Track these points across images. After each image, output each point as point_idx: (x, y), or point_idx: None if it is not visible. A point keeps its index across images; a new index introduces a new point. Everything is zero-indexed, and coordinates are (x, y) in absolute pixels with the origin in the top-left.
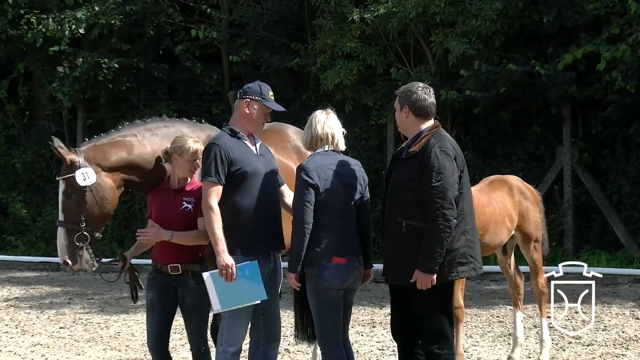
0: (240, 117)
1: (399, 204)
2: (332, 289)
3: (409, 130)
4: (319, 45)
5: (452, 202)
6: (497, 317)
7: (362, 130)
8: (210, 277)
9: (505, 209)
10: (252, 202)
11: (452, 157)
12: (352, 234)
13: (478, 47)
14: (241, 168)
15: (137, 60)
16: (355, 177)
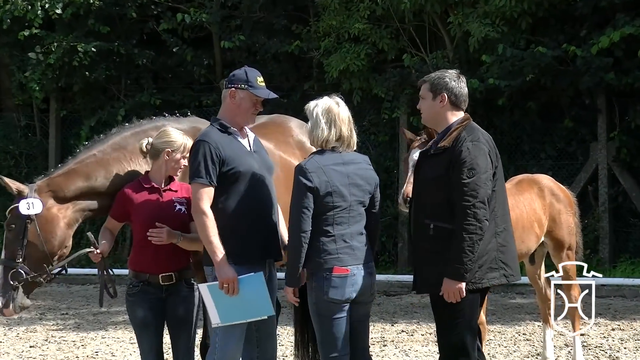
0: (228, 109)
1: (426, 204)
2: (334, 303)
3: (440, 122)
4: (322, 28)
5: (484, 201)
6: (524, 335)
7: (371, 124)
8: (208, 289)
9: (533, 213)
10: (245, 205)
11: (486, 152)
12: (359, 240)
13: (502, 30)
14: (234, 168)
15: (118, 44)
16: (363, 176)
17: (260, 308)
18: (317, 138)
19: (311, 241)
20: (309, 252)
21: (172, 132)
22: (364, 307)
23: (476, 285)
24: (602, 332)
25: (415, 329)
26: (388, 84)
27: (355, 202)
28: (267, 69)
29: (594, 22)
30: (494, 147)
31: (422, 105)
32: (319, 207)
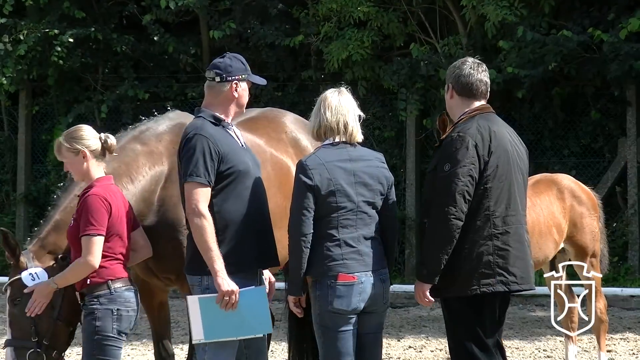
0: (225, 102)
1: (425, 201)
2: (339, 314)
3: (454, 114)
4: (322, 11)
5: (457, 198)
6: (544, 351)
7: (375, 118)
8: (199, 302)
9: (552, 217)
10: (243, 209)
11: (470, 144)
12: (368, 245)
13: (521, 13)
14: (233, 167)
15: (95, 30)
16: (373, 174)
17: (258, 325)
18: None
19: (314, 246)
20: (311, 258)
21: (83, 128)
22: (374, 318)
23: (464, 292)
24: (631, 349)
25: (424, 344)
26: (398, 77)
27: (363, 202)
28: (261, 56)
29: (623, 4)
30: (498, 141)
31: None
32: (322, 208)
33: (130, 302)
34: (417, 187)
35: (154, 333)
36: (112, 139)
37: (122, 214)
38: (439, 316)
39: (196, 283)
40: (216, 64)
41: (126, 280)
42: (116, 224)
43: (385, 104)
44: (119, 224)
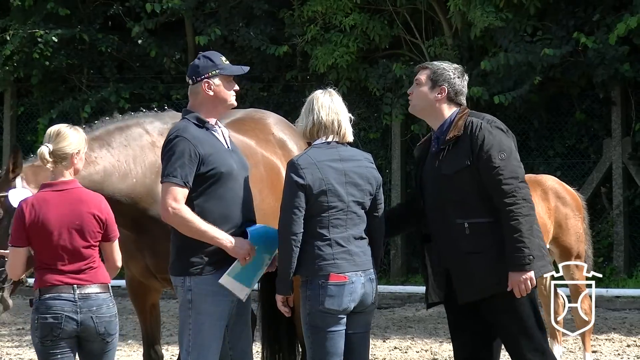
0: (205, 102)
1: (453, 202)
2: (330, 314)
3: (431, 113)
4: (306, 13)
5: (524, 180)
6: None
7: (360, 119)
8: (229, 278)
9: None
10: (225, 210)
11: (506, 131)
12: (358, 245)
13: (507, 17)
14: (214, 168)
15: (80, 30)
16: (363, 174)
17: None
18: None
19: (304, 245)
20: (302, 257)
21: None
22: (363, 317)
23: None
24: (617, 349)
25: (409, 345)
26: (384, 82)
27: (353, 202)
28: (245, 58)
29: (609, 4)
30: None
31: (415, 90)
32: (313, 208)
33: (52, 309)
34: (403, 188)
35: (144, 335)
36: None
37: (47, 222)
38: (425, 317)
39: (179, 284)
40: (189, 67)
41: (46, 288)
42: (36, 233)
43: (370, 105)
44: (39, 230)
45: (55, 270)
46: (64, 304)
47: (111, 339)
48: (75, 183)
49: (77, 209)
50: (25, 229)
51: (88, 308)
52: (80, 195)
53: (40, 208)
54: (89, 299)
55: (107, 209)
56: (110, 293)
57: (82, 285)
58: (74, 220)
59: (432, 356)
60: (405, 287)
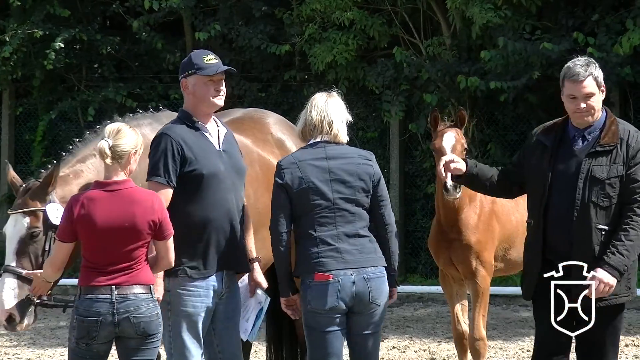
0: (187, 102)
1: (599, 207)
2: (318, 313)
3: (596, 115)
4: (305, 12)
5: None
6: (528, 352)
7: (359, 119)
8: (264, 302)
9: None
10: (207, 212)
11: None
12: (352, 242)
13: (505, 15)
14: (197, 169)
15: (79, 30)
16: (352, 172)
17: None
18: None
19: (297, 245)
20: (296, 257)
21: (127, 127)
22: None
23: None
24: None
25: (407, 345)
26: (383, 79)
27: (340, 199)
28: (244, 57)
29: (608, 4)
30: None
31: (588, 103)
32: (297, 207)
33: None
34: (401, 188)
35: None
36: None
37: (95, 222)
38: (423, 316)
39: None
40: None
41: (87, 288)
42: (81, 230)
43: (368, 104)
44: (85, 229)
45: (98, 270)
46: (101, 305)
47: (151, 339)
48: (129, 183)
49: (129, 210)
50: (73, 225)
51: (126, 309)
52: (133, 195)
53: (89, 207)
54: (127, 299)
55: (161, 208)
56: (152, 293)
57: (121, 285)
58: (123, 222)
59: (431, 356)
60: (403, 286)
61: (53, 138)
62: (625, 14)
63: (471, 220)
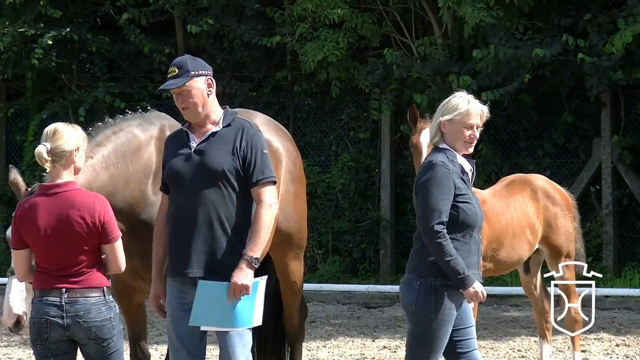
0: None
1: None
2: None
3: None
4: (297, 12)
5: None
6: (519, 351)
7: (350, 118)
8: (202, 286)
9: (525, 217)
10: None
11: None
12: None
13: (497, 14)
14: (165, 173)
15: (70, 30)
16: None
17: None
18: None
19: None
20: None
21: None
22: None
23: None
24: (606, 349)
25: (398, 344)
26: (372, 78)
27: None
28: (235, 56)
29: (600, 3)
30: None
31: None
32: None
33: (39, 313)
34: (392, 188)
35: (130, 335)
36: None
37: (37, 228)
38: None
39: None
40: None
41: (40, 291)
42: (25, 236)
43: (359, 104)
44: (29, 235)
45: (47, 273)
46: (50, 308)
47: (107, 343)
48: (71, 185)
49: (66, 214)
50: (18, 232)
51: (75, 312)
52: (72, 199)
53: (31, 212)
54: (77, 303)
55: (104, 211)
56: (104, 297)
57: (71, 289)
58: (63, 226)
59: None
60: (394, 286)
61: None
62: (617, 14)
63: None
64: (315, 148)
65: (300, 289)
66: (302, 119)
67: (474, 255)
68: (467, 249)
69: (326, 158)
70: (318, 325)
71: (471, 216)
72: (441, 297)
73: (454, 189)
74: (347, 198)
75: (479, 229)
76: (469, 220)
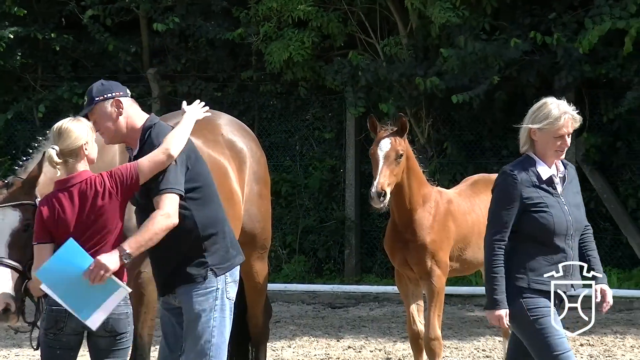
0: None
1: None
2: None
3: None
4: (262, 11)
5: None
6: (483, 351)
7: (315, 119)
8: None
9: None
10: None
11: None
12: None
13: (463, 14)
14: None
15: (35, 29)
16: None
17: (82, 304)
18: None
19: None
20: None
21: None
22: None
23: None
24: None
25: (363, 344)
26: (341, 77)
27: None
28: (201, 55)
29: (565, 3)
30: None
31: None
32: None
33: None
34: (357, 188)
35: None
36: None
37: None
38: (378, 316)
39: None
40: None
41: None
42: (54, 231)
43: (325, 104)
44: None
45: None
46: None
47: (120, 338)
48: (85, 174)
49: (90, 203)
50: (46, 227)
51: None
52: (89, 185)
53: (56, 206)
54: None
55: (110, 170)
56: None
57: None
58: (89, 216)
59: (386, 355)
60: (359, 286)
61: (8, 138)
62: (582, 13)
63: (425, 220)
64: (281, 148)
65: (265, 289)
66: (267, 119)
67: (556, 265)
68: (548, 259)
69: (291, 158)
70: (283, 325)
71: (547, 225)
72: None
73: (525, 199)
74: (312, 198)
75: (565, 237)
76: (546, 229)
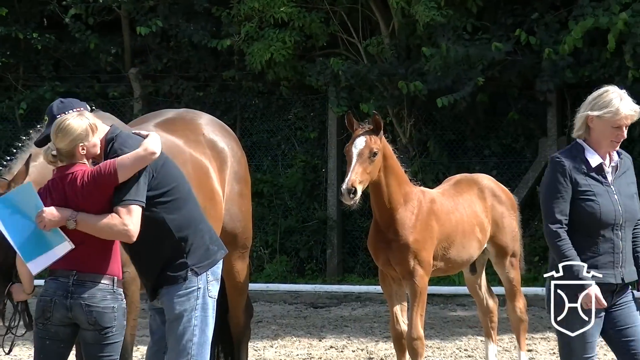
0: None
1: None
2: None
3: None
4: (244, 11)
5: None
6: (465, 351)
7: (297, 118)
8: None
9: (475, 216)
10: None
11: None
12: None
13: (447, 13)
14: None
15: (16, 29)
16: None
17: (29, 246)
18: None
19: None
20: None
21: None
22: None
23: None
24: (552, 348)
25: (345, 344)
26: (324, 77)
27: None
28: (182, 56)
29: (548, 3)
30: None
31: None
32: None
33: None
34: (339, 188)
35: None
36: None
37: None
38: (361, 316)
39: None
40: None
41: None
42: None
43: (307, 104)
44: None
45: (65, 255)
46: (58, 286)
47: (105, 332)
48: (80, 166)
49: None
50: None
51: (79, 294)
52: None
53: (51, 193)
54: (84, 286)
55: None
56: (113, 286)
57: (82, 272)
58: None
59: (368, 355)
60: (341, 286)
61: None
62: (564, 14)
63: (407, 220)
64: (263, 148)
65: (246, 288)
66: (249, 119)
67: (605, 255)
68: (596, 249)
69: (273, 158)
70: (265, 325)
71: (594, 214)
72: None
73: (573, 186)
74: (294, 198)
75: (613, 227)
76: (593, 218)
